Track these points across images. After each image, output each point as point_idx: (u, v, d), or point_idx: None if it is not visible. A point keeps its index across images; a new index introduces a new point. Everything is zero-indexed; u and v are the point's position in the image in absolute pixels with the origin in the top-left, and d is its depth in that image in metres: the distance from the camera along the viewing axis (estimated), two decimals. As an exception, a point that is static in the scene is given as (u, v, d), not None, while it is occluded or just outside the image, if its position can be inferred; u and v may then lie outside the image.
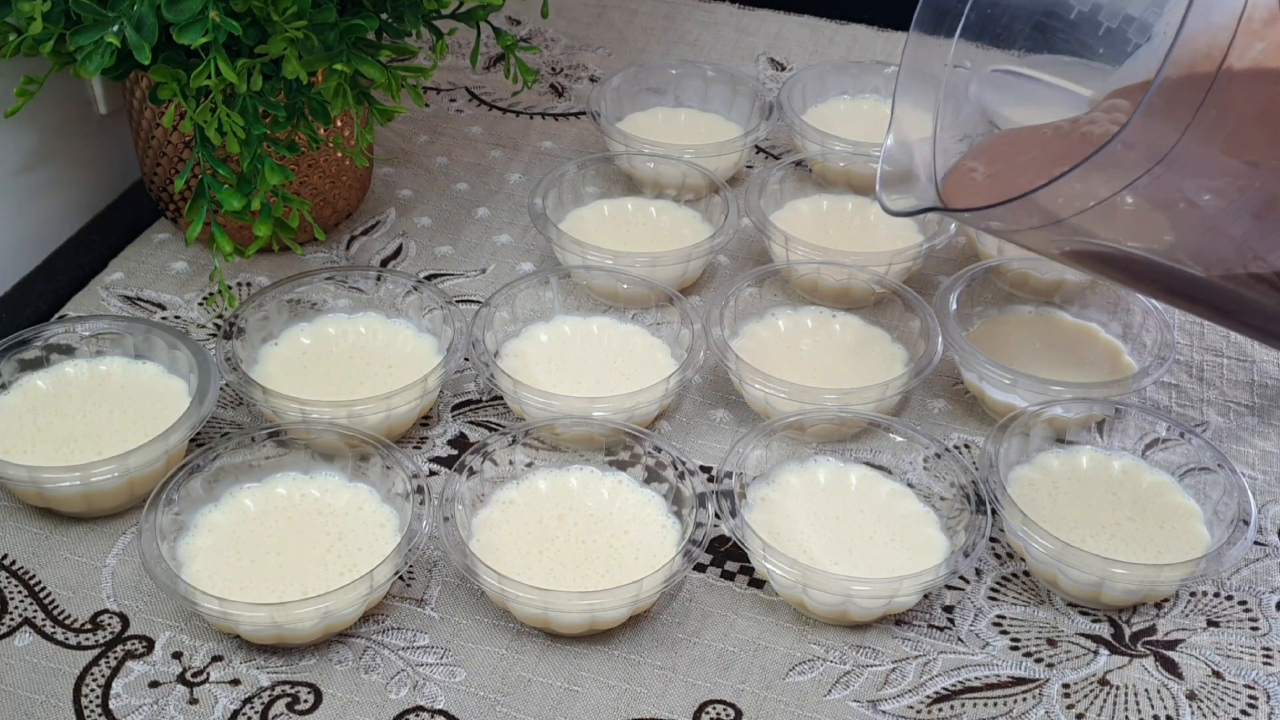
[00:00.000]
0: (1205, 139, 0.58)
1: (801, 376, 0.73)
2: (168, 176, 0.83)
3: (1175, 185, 0.60)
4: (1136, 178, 0.58)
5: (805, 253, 0.80)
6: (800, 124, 0.92)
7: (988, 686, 0.61)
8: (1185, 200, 0.62)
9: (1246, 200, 0.61)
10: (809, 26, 1.12)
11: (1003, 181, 0.71)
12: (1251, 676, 0.62)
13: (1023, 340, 0.78)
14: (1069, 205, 0.61)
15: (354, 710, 0.59)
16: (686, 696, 0.61)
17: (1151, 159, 0.58)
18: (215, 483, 0.65)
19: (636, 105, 0.96)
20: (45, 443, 0.67)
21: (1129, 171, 0.58)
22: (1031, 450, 0.69)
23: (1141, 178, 0.58)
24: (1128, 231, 0.64)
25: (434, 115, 1.00)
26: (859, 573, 0.63)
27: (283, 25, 0.67)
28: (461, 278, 0.85)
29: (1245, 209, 0.61)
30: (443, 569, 0.66)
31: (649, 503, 0.66)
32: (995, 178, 0.72)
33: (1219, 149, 0.59)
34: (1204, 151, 0.58)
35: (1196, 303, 0.69)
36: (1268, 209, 0.61)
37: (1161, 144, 0.57)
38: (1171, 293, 0.69)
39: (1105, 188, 0.59)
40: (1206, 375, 0.79)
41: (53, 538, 0.67)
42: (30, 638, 0.62)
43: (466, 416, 0.74)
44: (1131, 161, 0.58)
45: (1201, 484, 0.67)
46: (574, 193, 0.87)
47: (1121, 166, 0.58)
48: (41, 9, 0.67)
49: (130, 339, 0.72)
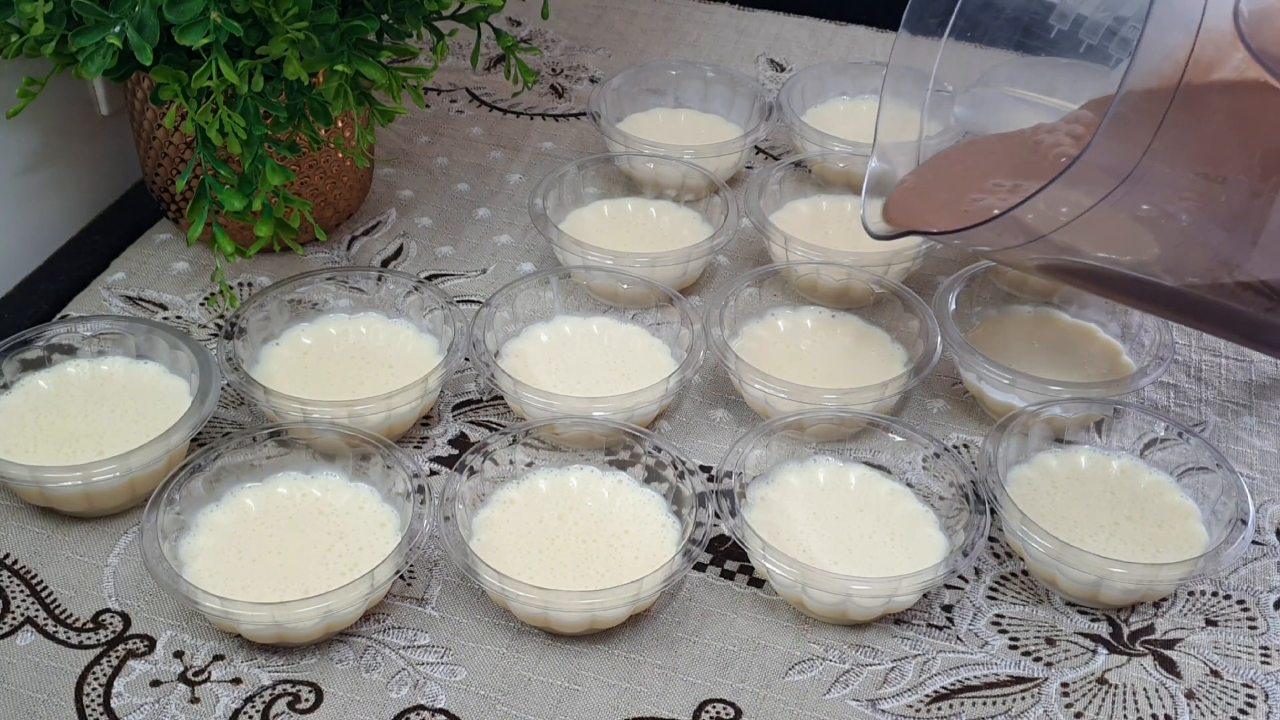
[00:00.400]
0: (1169, 156, 0.58)
1: (801, 376, 0.73)
2: (169, 177, 0.83)
3: (1142, 200, 0.60)
4: (1104, 195, 0.58)
5: (805, 253, 0.80)
6: (800, 125, 0.92)
7: (986, 685, 0.61)
8: (1155, 215, 0.62)
9: (1215, 214, 0.61)
10: (809, 27, 1.12)
11: (929, 198, 0.72)
12: (1249, 675, 0.62)
13: (1021, 340, 0.78)
14: (1042, 223, 0.61)
15: (355, 709, 0.59)
16: (686, 695, 0.61)
17: (1116, 176, 0.58)
18: (216, 482, 0.65)
19: (636, 106, 0.96)
20: (47, 442, 0.68)
21: (1096, 189, 0.59)
22: (1030, 450, 0.70)
23: (1108, 195, 0.58)
24: (1100, 245, 0.65)
25: (434, 116, 1.00)
26: (858, 572, 0.63)
27: (284, 26, 0.67)
28: (462, 278, 0.85)
29: (1214, 222, 0.61)
30: (443, 568, 0.66)
31: (649, 502, 0.66)
32: (924, 195, 0.72)
33: (1183, 165, 0.59)
34: (1168, 168, 0.59)
35: (1179, 312, 0.69)
36: (1235, 222, 0.61)
37: (1124, 163, 0.57)
38: (1151, 302, 0.69)
39: (1073, 205, 0.60)
40: (1205, 375, 0.79)
41: (54, 537, 0.67)
42: (32, 637, 0.62)
43: (467, 416, 0.75)
44: (1097, 179, 0.58)
45: (1200, 484, 0.68)
46: (574, 193, 0.87)
47: (1087, 184, 0.59)
48: (43, 10, 0.68)
49: (132, 339, 0.72)
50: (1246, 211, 0.61)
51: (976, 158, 0.74)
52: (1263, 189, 0.60)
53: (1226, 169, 0.60)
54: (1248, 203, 0.60)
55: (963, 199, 0.70)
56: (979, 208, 0.68)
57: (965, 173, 0.73)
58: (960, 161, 0.75)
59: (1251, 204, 0.60)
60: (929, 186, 0.73)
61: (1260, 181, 0.60)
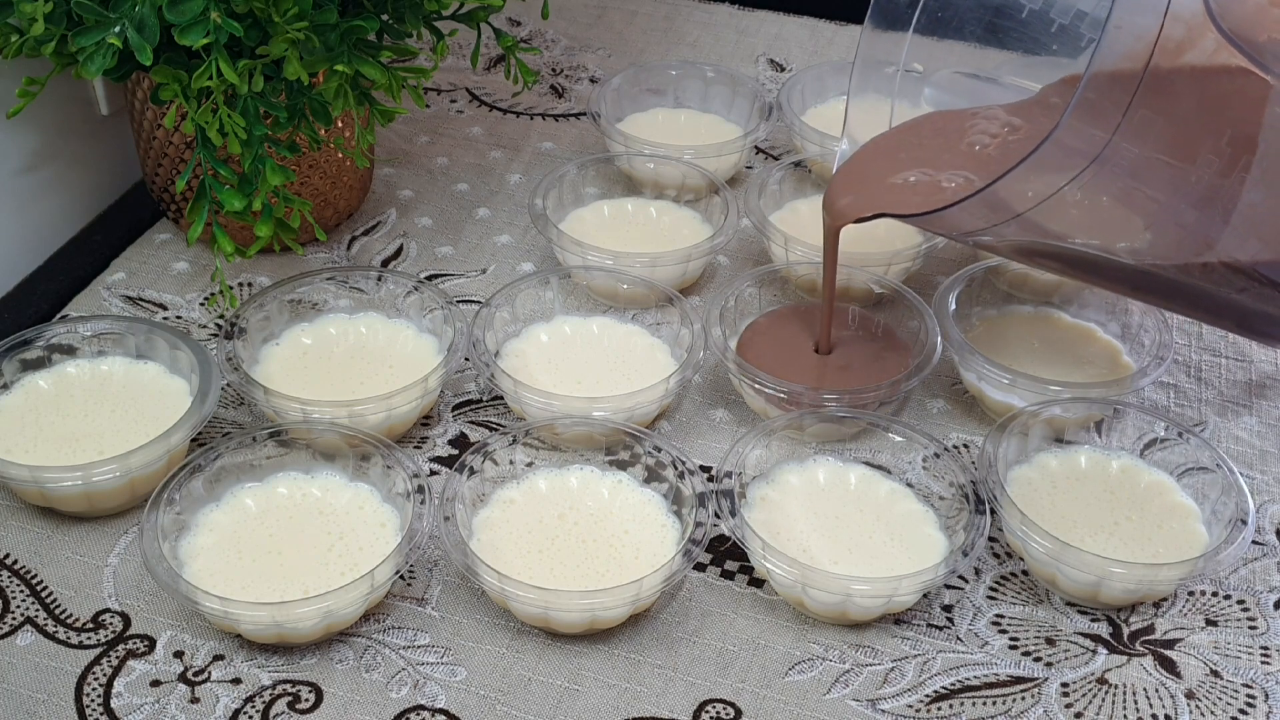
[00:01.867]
0: (1138, 136, 0.58)
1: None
2: (169, 177, 0.83)
3: (1112, 182, 0.60)
4: (1074, 176, 0.58)
5: (805, 253, 0.80)
6: (800, 125, 0.92)
7: (986, 685, 0.61)
8: (1127, 195, 0.62)
9: (1185, 194, 0.61)
10: (808, 27, 1.12)
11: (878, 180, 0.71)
12: (1250, 675, 0.62)
13: (1021, 340, 0.78)
14: (1014, 204, 0.61)
15: (355, 709, 0.59)
16: (686, 695, 0.61)
17: (1086, 157, 0.58)
18: (216, 482, 0.65)
19: (636, 106, 0.96)
20: (47, 442, 0.68)
21: (1064, 171, 0.59)
22: (1030, 450, 0.70)
23: (1078, 176, 0.58)
24: (1071, 228, 0.64)
25: (434, 116, 1.00)
26: (858, 572, 0.63)
27: (284, 26, 0.67)
28: (462, 278, 0.85)
29: (1185, 203, 0.61)
30: (443, 568, 0.66)
31: (649, 502, 0.67)
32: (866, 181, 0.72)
33: (1153, 146, 0.59)
34: (1137, 149, 0.58)
35: (1149, 293, 0.69)
36: (1206, 203, 0.61)
37: (1093, 144, 0.57)
38: (1120, 284, 0.69)
39: (1043, 186, 0.60)
40: (1205, 375, 0.79)
41: (54, 537, 0.67)
42: (32, 637, 0.62)
43: (467, 416, 0.75)
44: (1065, 160, 0.58)
45: (1200, 484, 0.68)
46: (574, 193, 0.87)
47: (1056, 166, 0.58)
48: (43, 10, 0.68)
49: (132, 339, 0.72)
50: (1217, 192, 0.61)
51: (920, 138, 0.74)
52: (1232, 170, 0.60)
53: (1197, 150, 0.60)
54: (1218, 183, 0.60)
55: (920, 178, 0.70)
56: (936, 188, 0.68)
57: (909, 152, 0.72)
58: (909, 139, 0.75)
59: (1221, 184, 0.60)
60: (875, 168, 0.73)
61: (1230, 163, 0.60)
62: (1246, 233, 0.62)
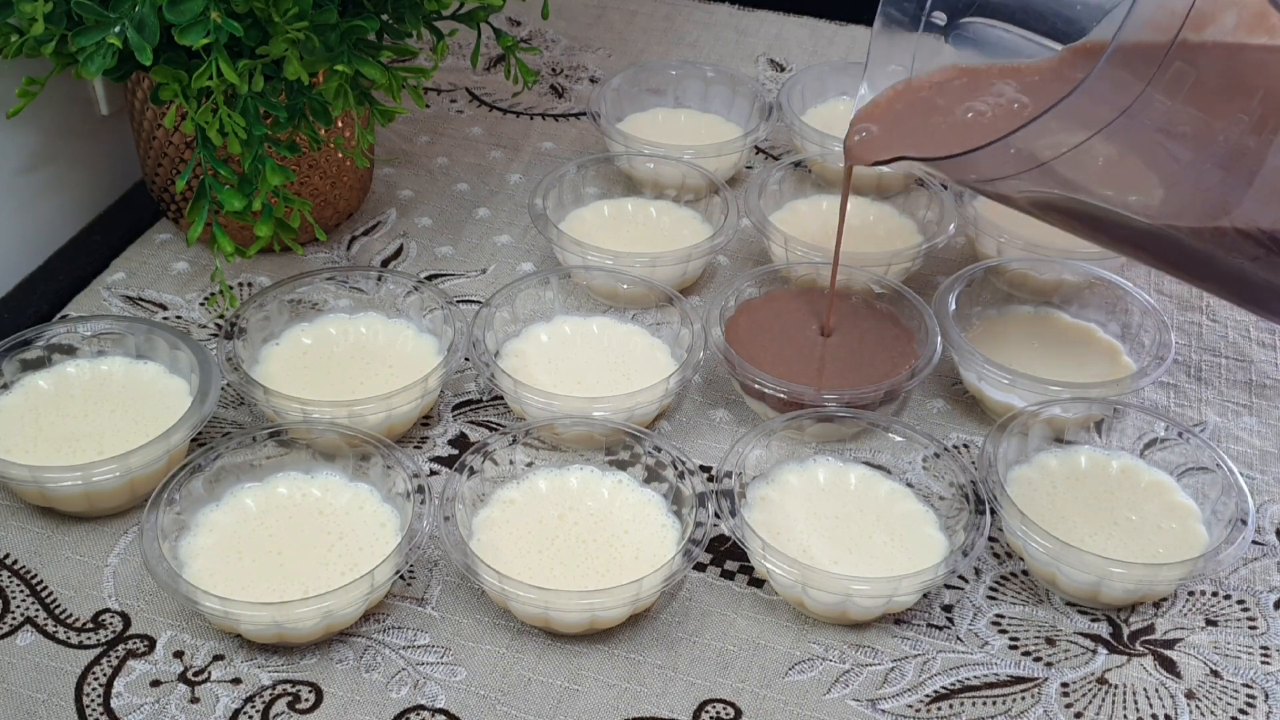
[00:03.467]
0: (1169, 92, 0.58)
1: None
2: (169, 177, 0.83)
3: (1140, 136, 0.60)
4: (1101, 127, 0.58)
5: (805, 253, 0.80)
6: (800, 125, 0.92)
7: (986, 685, 0.61)
8: (1151, 150, 0.62)
9: (1212, 152, 0.61)
10: (809, 27, 1.12)
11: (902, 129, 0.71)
12: (1250, 675, 0.62)
13: (1021, 340, 0.78)
14: (1037, 153, 0.61)
15: (355, 709, 0.59)
16: (686, 695, 0.61)
17: (1116, 109, 0.58)
18: (216, 482, 0.65)
19: (636, 106, 0.96)
20: (47, 442, 0.68)
21: (1093, 122, 0.58)
22: (1030, 450, 0.70)
23: (1105, 127, 0.58)
24: (1095, 181, 0.64)
25: (434, 116, 1.00)
26: (858, 572, 0.63)
27: (284, 26, 0.67)
28: (462, 278, 0.85)
29: (1210, 161, 0.61)
30: (443, 568, 0.66)
31: (649, 502, 0.67)
32: (892, 131, 0.72)
33: (1182, 102, 0.59)
34: (1168, 104, 0.58)
35: (1162, 258, 0.69)
36: (1232, 162, 0.61)
37: (1126, 93, 0.57)
38: (1136, 246, 0.69)
39: (1069, 137, 0.59)
40: (1205, 375, 0.79)
41: (54, 537, 0.67)
42: (32, 637, 0.62)
43: (467, 416, 0.75)
44: (1095, 111, 0.58)
45: (1200, 484, 0.68)
46: (574, 193, 0.87)
47: (1084, 115, 0.58)
48: (43, 10, 0.68)
49: (132, 339, 0.72)
50: (1243, 152, 0.60)
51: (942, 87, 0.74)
52: (1261, 130, 0.60)
53: (1228, 107, 0.59)
54: (1245, 143, 0.60)
55: (944, 121, 0.70)
56: (959, 133, 0.68)
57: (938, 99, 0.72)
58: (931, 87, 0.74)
59: (1248, 145, 0.60)
60: (898, 111, 0.73)
61: (1260, 122, 0.60)
62: (1269, 197, 0.62)
